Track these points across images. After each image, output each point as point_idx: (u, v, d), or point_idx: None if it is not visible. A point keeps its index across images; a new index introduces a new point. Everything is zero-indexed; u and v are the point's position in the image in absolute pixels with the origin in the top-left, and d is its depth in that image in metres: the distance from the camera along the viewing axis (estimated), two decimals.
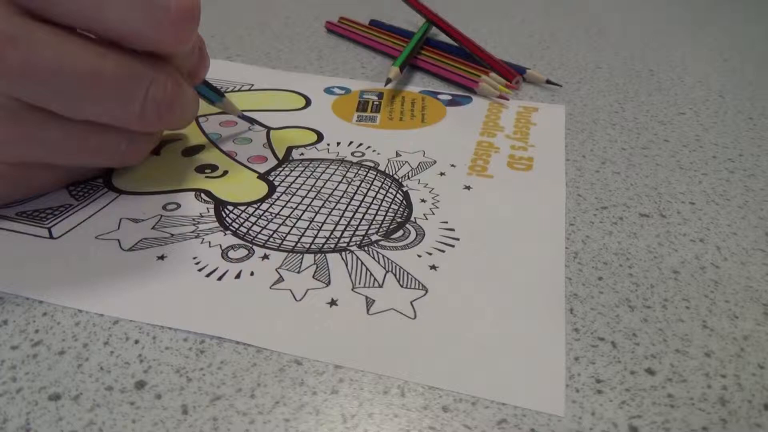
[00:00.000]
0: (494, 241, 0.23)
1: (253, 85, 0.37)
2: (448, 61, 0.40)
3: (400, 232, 0.23)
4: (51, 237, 0.22)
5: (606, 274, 0.22)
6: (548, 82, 0.39)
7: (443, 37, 0.46)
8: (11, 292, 0.19)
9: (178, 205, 0.24)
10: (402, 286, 0.20)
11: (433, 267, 0.21)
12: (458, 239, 0.23)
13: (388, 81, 0.35)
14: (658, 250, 0.23)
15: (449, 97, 0.36)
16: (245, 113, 0.31)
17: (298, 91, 0.36)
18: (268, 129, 0.31)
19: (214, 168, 0.27)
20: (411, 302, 0.20)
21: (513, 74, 0.39)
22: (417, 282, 0.21)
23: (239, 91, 0.36)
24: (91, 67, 0.19)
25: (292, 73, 0.39)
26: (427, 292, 0.20)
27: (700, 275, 0.22)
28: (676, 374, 0.18)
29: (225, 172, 0.27)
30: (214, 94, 0.29)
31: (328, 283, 0.20)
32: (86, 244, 0.21)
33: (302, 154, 0.29)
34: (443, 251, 0.22)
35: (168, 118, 0.22)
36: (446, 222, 0.24)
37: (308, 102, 0.35)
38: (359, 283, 0.20)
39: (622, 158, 0.30)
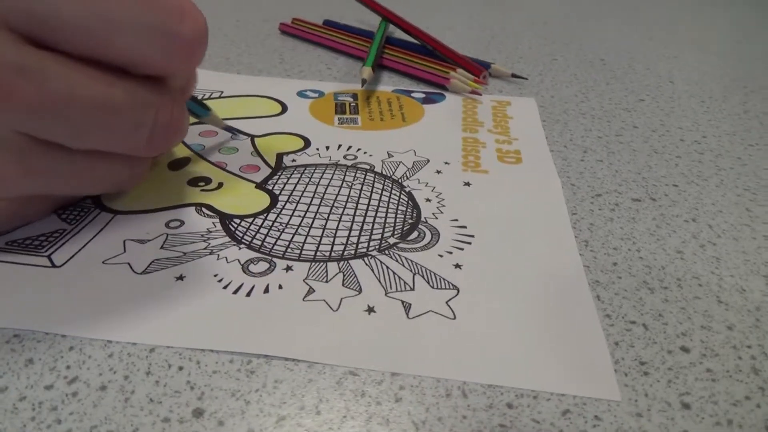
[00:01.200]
0: (507, 235, 0.23)
1: (222, 92, 0.35)
2: (415, 59, 0.40)
3: (415, 234, 0.23)
4: (53, 266, 0.20)
5: (619, 260, 0.23)
6: (514, 75, 0.40)
7: (399, 35, 0.46)
8: (27, 328, 0.18)
9: (182, 222, 0.23)
10: (433, 287, 0.20)
11: (457, 266, 0.22)
12: (473, 236, 0.23)
13: (364, 82, 0.35)
14: (658, 233, 0.24)
15: (423, 95, 0.37)
16: (225, 122, 0.30)
17: (272, 96, 0.35)
18: (252, 137, 0.30)
19: (207, 180, 0.26)
20: (446, 302, 0.20)
21: (480, 69, 0.39)
22: (446, 282, 0.21)
23: (210, 99, 0.34)
24: (102, 96, 0.18)
25: (260, 77, 0.38)
26: (458, 291, 0.20)
27: (701, 253, 0.23)
28: (708, 349, 0.19)
29: (220, 184, 0.26)
30: (201, 108, 0.28)
31: (360, 291, 0.20)
32: (94, 270, 0.20)
33: (294, 160, 0.28)
34: (462, 249, 0.22)
35: (173, 141, 0.21)
36: (456, 220, 0.24)
37: (284, 107, 0.34)
38: (391, 288, 0.20)
39: (601, 146, 0.32)
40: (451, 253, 0.22)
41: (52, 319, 0.18)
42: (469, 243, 0.23)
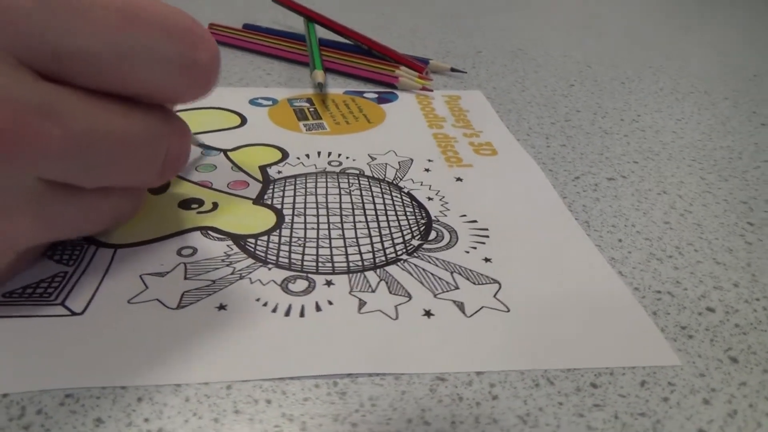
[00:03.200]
0: (517, 225, 0.24)
1: None
2: (356, 59, 0.40)
3: (434, 233, 0.23)
4: (74, 313, 0.18)
5: (622, 236, 0.24)
6: (453, 69, 0.41)
7: (323, 35, 0.45)
8: (78, 386, 0.16)
9: (194, 249, 0.22)
10: (475, 284, 0.21)
11: (486, 260, 0.22)
12: (487, 229, 0.24)
13: (321, 86, 0.35)
14: (641, 207, 0.27)
15: (375, 95, 0.37)
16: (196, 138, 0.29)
17: (225, 107, 0.34)
18: (223, 151, 0.29)
19: (199, 202, 0.24)
20: (494, 296, 0.20)
21: (421, 66, 0.40)
22: (485, 277, 0.21)
23: None
24: (121, 130, 0.17)
25: None
26: (500, 284, 0.21)
27: (684, 221, 0.26)
28: (728, 307, 0.21)
29: (215, 204, 0.24)
30: None
31: (409, 296, 0.20)
32: (122, 311, 0.19)
33: (280, 172, 0.27)
34: (483, 243, 0.23)
35: (180, 169, 0.20)
36: (465, 215, 0.25)
37: (243, 118, 0.33)
38: (437, 289, 0.20)
39: (558, 132, 0.34)
40: (475, 248, 0.23)
41: (100, 371, 0.16)
42: (487, 236, 0.23)
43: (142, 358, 0.17)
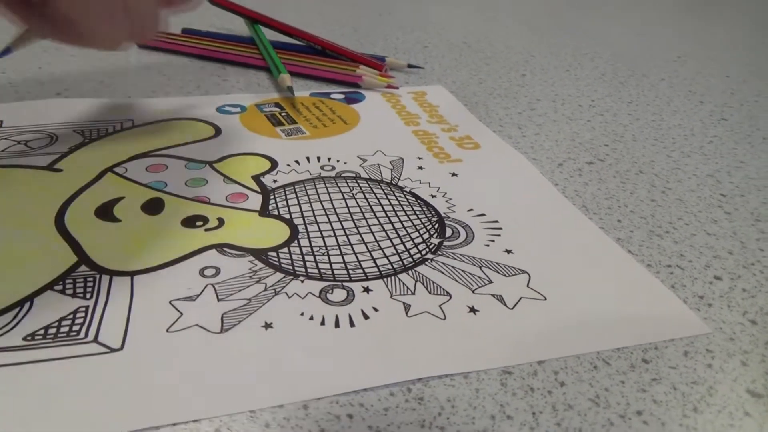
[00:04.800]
0: (524, 215, 0.25)
1: (133, 120, 0.32)
2: (314, 61, 0.39)
3: (449, 231, 0.24)
4: (112, 350, 0.17)
5: (619, 216, 0.26)
6: (410, 66, 0.41)
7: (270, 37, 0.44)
8: (144, 427, 0.15)
9: (217, 269, 0.21)
10: (506, 276, 0.21)
11: (508, 251, 0.23)
12: (497, 221, 0.24)
13: (290, 89, 0.34)
14: (626, 188, 0.28)
15: (342, 96, 0.36)
16: (164, 152, 0.27)
17: (194, 117, 0.32)
18: (208, 163, 0.28)
19: (204, 219, 0.23)
20: (527, 286, 0.21)
21: (380, 65, 0.40)
22: (513, 268, 0.22)
23: (129, 129, 0.30)
24: None
25: (169, 98, 0.35)
26: (529, 274, 0.21)
27: (667, 198, 0.27)
28: (731, 273, 0.22)
29: (220, 220, 0.23)
30: None
31: (449, 294, 0.20)
32: (163, 342, 0.18)
33: (275, 181, 0.27)
34: (499, 236, 0.24)
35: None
36: (472, 209, 0.25)
37: (216, 127, 0.31)
38: (473, 285, 0.21)
39: (527, 121, 0.35)
40: (492, 241, 0.23)
41: (163, 408, 0.15)
42: (500, 228, 0.24)
43: (202, 388, 0.16)
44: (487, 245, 0.23)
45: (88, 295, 0.19)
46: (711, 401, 0.17)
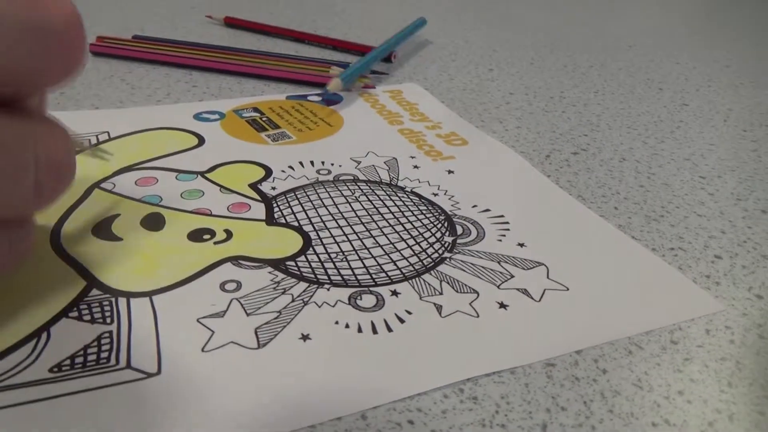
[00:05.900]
0: (527, 208, 0.25)
1: (109, 132, 0.30)
2: (284, 63, 0.39)
3: (460, 228, 0.24)
4: (149, 375, 0.16)
5: (615, 203, 0.26)
6: (373, 72, 0.41)
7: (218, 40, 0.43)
8: None
9: (238, 283, 0.20)
10: (525, 269, 0.22)
11: (521, 245, 0.23)
12: (503, 215, 0.25)
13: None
14: (615, 175, 0.29)
15: (318, 98, 0.36)
16: (149, 165, 0.26)
17: (173, 126, 0.31)
18: (199, 174, 0.27)
19: (211, 233, 0.23)
20: (548, 278, 0.21)
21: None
22: (530, 261, 0.22)
23: (106, 141, 0.29)
24: None
25: (141, 108, 0.33)
26: (547, 266, 0.22)
27: (653, 183, 0.29)
28: (729, 252, 0.24)
29: (228, 232, 0.23)
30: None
31: (476, 292, 0.20)
32: (202, 362, 0.17)
33: (274, 188, 0.26)
34: (509, 230, 0.24)
35: (66, 183, 0.16)
36: (476, 206, 0.26)
37: (199, 136, 0.30)
38: (496, 281, 0.21)
39: (507, 116, 0.35)
40: (504, 236, 0.24)
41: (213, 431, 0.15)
42: (507, 222, 0.24)
43: (257, 407, 0.16)
44: (500, 240, 0.23)
45: (108, 320, 0.18)
46: (741, 375, 0.18)
